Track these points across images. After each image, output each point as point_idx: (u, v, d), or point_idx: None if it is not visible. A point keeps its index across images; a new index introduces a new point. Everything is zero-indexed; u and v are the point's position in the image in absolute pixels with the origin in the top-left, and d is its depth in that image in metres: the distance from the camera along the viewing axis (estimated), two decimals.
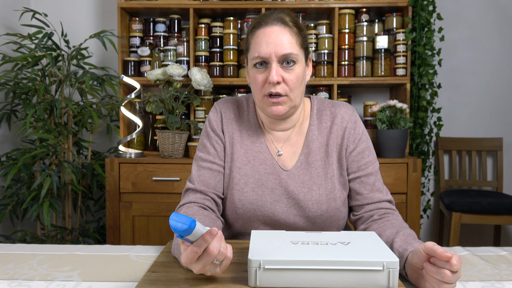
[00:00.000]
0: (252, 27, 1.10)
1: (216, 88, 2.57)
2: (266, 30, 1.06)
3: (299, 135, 1.17)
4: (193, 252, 0.75)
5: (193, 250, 0.75)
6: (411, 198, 2.16)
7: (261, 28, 1.07)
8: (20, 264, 0.97)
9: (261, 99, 1.09)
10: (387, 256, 0.80)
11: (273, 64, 1.04)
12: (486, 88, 2.78)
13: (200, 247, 0.75)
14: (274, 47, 1.04)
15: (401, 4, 2.36)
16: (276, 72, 1.03)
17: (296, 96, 1.08)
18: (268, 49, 1.04)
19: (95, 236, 2.25)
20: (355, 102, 2.72)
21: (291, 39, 1.05)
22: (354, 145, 1.14)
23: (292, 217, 1.11)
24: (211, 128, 1.18)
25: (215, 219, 1.06)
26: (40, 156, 2.06)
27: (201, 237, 0.75)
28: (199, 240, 0.75)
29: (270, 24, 1.06)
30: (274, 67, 1.04)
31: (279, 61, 1.05)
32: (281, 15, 1.08)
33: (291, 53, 1.04)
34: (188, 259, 0.77)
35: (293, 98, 1.08)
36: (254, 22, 1.10)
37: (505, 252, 1.06)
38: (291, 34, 1.06)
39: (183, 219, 0.72)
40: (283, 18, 1.07)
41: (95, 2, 2.71)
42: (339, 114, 1.15)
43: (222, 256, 0.78)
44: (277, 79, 1.03)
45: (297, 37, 1.07)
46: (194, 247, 0.75)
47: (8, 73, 2.12)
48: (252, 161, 1.14)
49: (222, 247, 0.77)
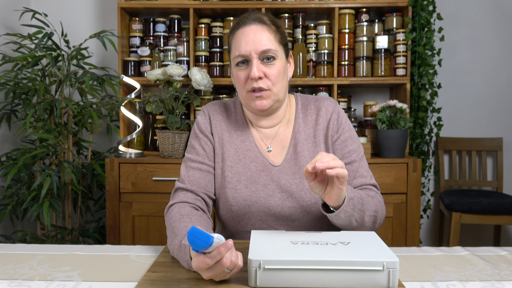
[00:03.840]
0: (232, 28, 1.15)
1: (216, 88, 2.57)
2: (245, 29, 1.11)
3: (286, 130, 1.20)
4: (204, 263, 0.77)
5: (205, 261, 0.77)
6: (411, 198, 2.16)
7: (240, 28, 1.12)
8: (20, 264, 0.97)
9: (245, 95, 1.13)
10: (387, 256, 0.80)
11: (253, 60, 1.08)
12: (486, 88, 2.78)
13: (214, 259, 0.77)
14: (253, 44, 1.08)
15: (401, 4, 2.36)
16: (257, 68, 1.08)
17: (279, 90, 1.12)
18: (248, 47, 1.08)
19: (95, 236, 2.25)
20: (355, 102, 2.72)
21: (269, 36, 1.10)
22: (338, 135, 1.18)
23: (287, 209, 1.12)
24: (200, 130, 1.21)
25: (207, 220, 1.07)
26: (40, 156, 2.06)
27: (216, 250, 0.76)
28: (214, 252, 0.76)
29: (249, 24, 1.11)
30: (255, 64, 1.08)
31: (259, 57, 1.09)
32: (258, 15, 1.13)
33: (270, 49, 1.09)
34: (199, 267, 0.79)
35: (276, 92, 1.11)
36: (233, 24, 1.16)
37: (505, 252, 1.06)
38: (269, 32, 1.10)
39: (201, 236, 0.74)
40: (260, 18, 1.12)
41: (95, 2, 2.71)
42: (323, 106, 1.20)
43: (234, 265, 0.79)
44: (258, 74, 1.07)
45: (275, 34, 1.12)
46: (207, 259, 0.77)
47: (8, 73, 2.12)
48: (243, 159, 1.17)
49: (233, 256, 0.79)
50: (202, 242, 0.74)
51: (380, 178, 2.13)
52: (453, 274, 0.91)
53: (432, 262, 0.99)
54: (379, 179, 2.13)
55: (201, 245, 0.74)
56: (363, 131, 2.46)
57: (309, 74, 2.47)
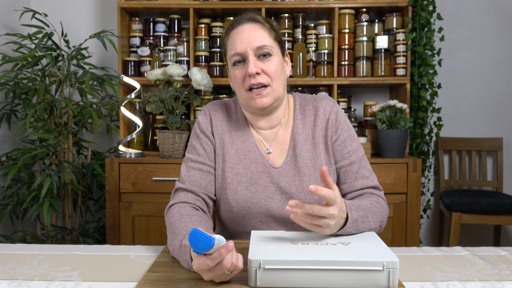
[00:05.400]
0: (226, 30, 1.15)
1: (216, 88, 2.57)
2: (239, 29, 1.11)
3: (286, 132, 1.20)
4: (205, 264, 0.78)
5: (206, 263, 0.77)
6: (411, 198, 2.16)
7: (234, 28, 1.13)
8: (20, 264, 0.97)
9: (244, 95, 1.12)
10: (387, 256, 0.80)
11: (250, 57, 1.08)
12: (486, 88, 2.78)
13: (214, 260, 0.77)
14: (248, 41, 1.08)
15: (401, 4, 2.36)
16: (254, 64, 1.08)
17: (279, 87, 1.12)
18: (243, 45, 1.09)
19: (95, 236, 2.25)
20: (355, 102, 2.72)
21: (264, 33, 1.10)
22: (337, 135, 1.17)
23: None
24: (201, 130, 1.21)
25: (207, 221, 1.07)
26: (40, 156, 2.06)
27: (217, 252, 0.76)
28: (214, 254, 0.77)
29: (243, 24, 1.12)
30: (251, 60, 1.08)
31: (255, 54, 1.09)
32: (252, 15, 1.14)
33: (265, 44, 1.09)
34: (199, 269, 0.80)
35: (276, 88, 1.11)
36: (228, 25, 1.16)
37: (505, 252, 1.06)
38: (263, 29, 1.11)
39: (203, 238, 0.74)
40: (254, 17, 1.13)
41: (95, 2, 2.71)
42: (321, 107, 1.19)
43: (234, 267, 0.80)
44: (255, 70, 1.07)
45: (269, 31, 1.12)
46: (208, 260, 0.77)
47: (8, 73, 2.12)
48: (243, 160, 1.16)
49: (234, 258, 0.79)
50: (204, 244, 0.74)
51: (380, 178, 2.13)
52: (453, 274, 0.91)
53: (432, 262, 0.99)
54: (379, 179, 2.13)
55: (202, 247, 0.74)
56: (363, 131, 2.46)
57: (309, 74, 2.47)
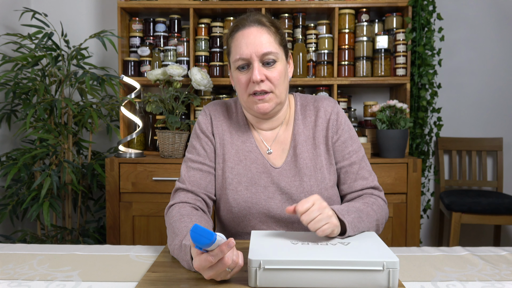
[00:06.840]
0: (231, 31, 1.13)
1: (216, 88, 2.57)
2: (244, 32, 1.09)
3: (286, 132, 1.20)
4: (207, 261, 0.78)
5: (208, 259, 0.77)
6: (411, 198, 2.16)
7: (239, 31, 1.10)
8: (20, 264, 0.97)
9: (246, 99, 1.12)
10: (387, 256, 0.80)
11: (254, 63, 1.07)
12: (486, 88, 2.78)
13: (216, 257, 0.77)
14: (254, 47, 1.07)
15: (401, 4, 2.36)
16: (258, 71, 1.07)
17: (281, 93, 1.12)
18: (248, 50, 1.07)
19: (95, 236, 2.25)
20: (355, 102, 2.72)
21: (270, 38, 1.09)
22: (338, 135, 1.17)
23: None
24: (201, 130, 1.20)
25: (207, 221, 1.07)
26: (40, 156, 2.06)
27: (218, 248, 0.76)
28: (216, 250, 0.77)
29: (248, 26, 1.10)
30: (256, 67, 1.07)
31: (260, 60, 1.08)
32: (257, 16, 1.11)
33: (271, 51, 1.08)
34: (201, 266, 0.79)
35: (279, 95, 1.11)
36: (232, 26, 1.14)
37: (505, 252, 1.06)
38: (269, 33, 1.09)
39: (204, 233, 0.74)
40: (259, 19, 1.10)
41: (95, 2, 2.71)
42: (322, 107, 1.19)
43: (235, 264, 0.80)
44: (260, 77, 1.06)
45: (275, 36, 1.10)
46: (209, 257, 0.77)
47: (8, 73, 2.12)
48: (243, 160, 1.16)
49: (234, 255, 0.79)
50: (206, 239, 0.73)
51: (380, 178, 2.13)
52: (453, 274, 0.91)
53: (432, 262, 0.99)
54: (379, 179, 2.13)
55: (204, 241, 0.74)
56: (363, 131, 2.46)
57: (309, 74, 2.47)
